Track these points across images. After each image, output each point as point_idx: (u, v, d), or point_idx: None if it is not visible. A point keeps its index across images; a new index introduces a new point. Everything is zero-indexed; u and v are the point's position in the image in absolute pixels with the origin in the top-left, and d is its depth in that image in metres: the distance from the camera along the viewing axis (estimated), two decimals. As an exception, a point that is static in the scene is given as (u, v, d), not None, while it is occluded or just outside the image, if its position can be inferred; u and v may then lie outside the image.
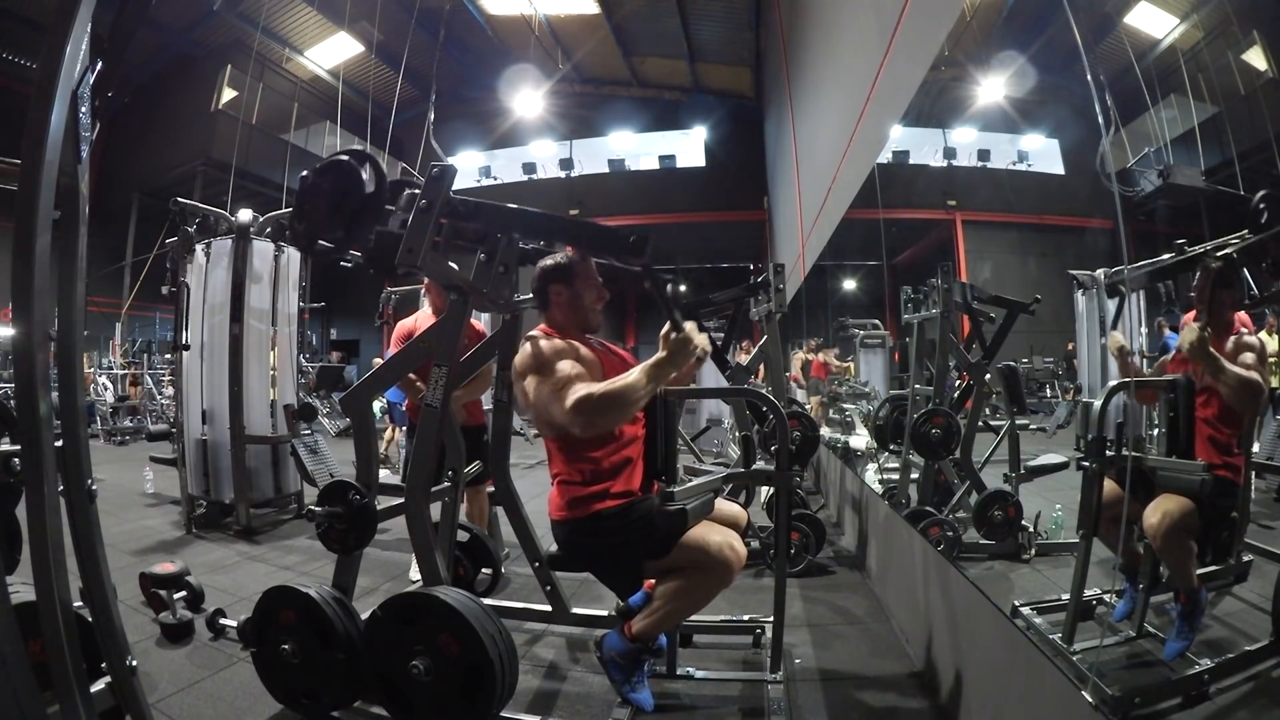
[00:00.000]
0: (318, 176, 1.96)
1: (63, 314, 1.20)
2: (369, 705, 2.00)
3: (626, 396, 1.75)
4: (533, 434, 9.61)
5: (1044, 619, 2.12)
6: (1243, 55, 2.24)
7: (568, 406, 1.76)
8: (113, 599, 1.29)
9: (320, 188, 1.94)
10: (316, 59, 14.03)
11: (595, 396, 1.74)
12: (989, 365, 3.46)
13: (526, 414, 2.00)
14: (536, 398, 1.87)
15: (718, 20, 12.11)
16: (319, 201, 1.94)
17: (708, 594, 1.94)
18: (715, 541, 1.87)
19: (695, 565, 1.88)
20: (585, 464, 1.95)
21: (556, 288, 2.07)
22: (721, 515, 2.09)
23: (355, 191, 1.90)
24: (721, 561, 1.86)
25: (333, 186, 1.92)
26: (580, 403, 1.74)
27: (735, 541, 1.91)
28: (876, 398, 6.11)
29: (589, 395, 1.74)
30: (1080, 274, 3.41)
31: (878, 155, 3.46)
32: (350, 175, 1.91)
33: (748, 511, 3.63)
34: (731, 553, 1.87)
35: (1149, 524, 1.82)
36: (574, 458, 1.96)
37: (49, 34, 1.12)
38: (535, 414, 1.94)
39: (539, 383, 1.87)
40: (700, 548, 1.86)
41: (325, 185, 1.93)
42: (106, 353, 12.16)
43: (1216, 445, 1.86)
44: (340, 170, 1.93)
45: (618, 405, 1.75)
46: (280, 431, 4.62)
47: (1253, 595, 1.97)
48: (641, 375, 1.77)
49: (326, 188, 1.93)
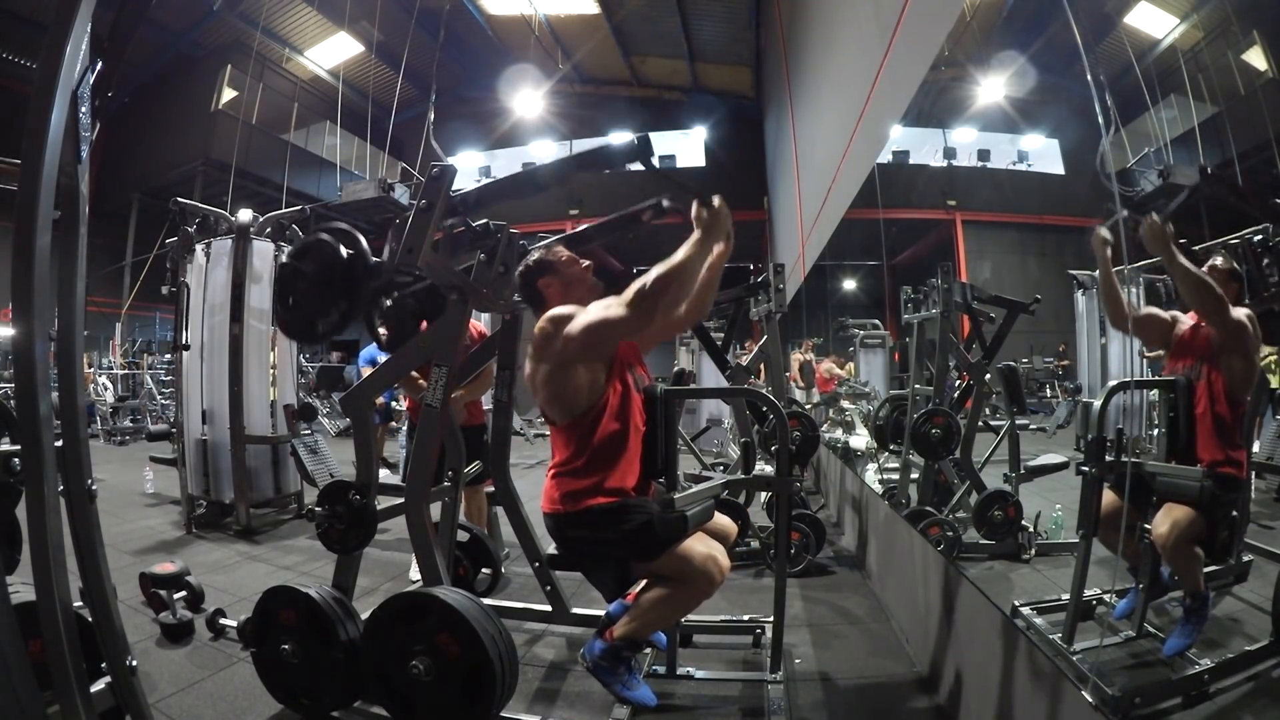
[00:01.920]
0: (294, 262, 1.97)
1: (63, 314, 1.20)
2: (369, 705, 2.00)
3: (681, 269, 1.80)
4: (533, 434, 9.61)
5: (1044, 619, 2.12)
6: (1243, 55, 2.24)
7: (628, 299, 1.78)
8: (113, 599, 1.29)
9: (301, 271, 1.95)
10: (316, 59, 14.04)
11: (651, 279, 1.77)
12: (989, 365, 3.47)
13: (541, 394, 1.92)
14: (584, 330, 1.82)
15: (718, 20, 12.12)
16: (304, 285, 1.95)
17: (688, 605, 1.97)
18: (700, 554, 1.88)
19: (679, 575, 1.89)
20: (584, 456, 1.92)
21: (544, 281, 2.07)
22: (712, 528, 2.10)
23: (337, 261, 1.91)
24: (705, 574, 1.87)
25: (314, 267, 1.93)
26: (638, 292, 1.77)
27: (720, 555, 1.92)
28: (876, 398, 6.11)
29: (643, 283, 1.77)
30: (1080, 274, 3.41)
31: (878, 155, 3.46)
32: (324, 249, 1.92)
33: (748, 510, 3.65)
34: (715, 566, 1.88)
35: (1158, 534, 1.82)
36: (575, 449, 1.93)
37: (49, 34, 1.12)
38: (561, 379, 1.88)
39: (579, 322, 1.83)
40: (685, 559, 1.87)
41: (306, 268, 1.94)
42: (106, 353, 12.16)
43: (1217, 440, 1.86)
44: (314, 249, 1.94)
45: (675, 277, 1.80)
46: (280, 431, 4.62)
47: (1253, 595, 1.97)
48: (689, 249, 1.82)
49: (309, 269, 1.94)
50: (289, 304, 2.01)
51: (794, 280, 6.63)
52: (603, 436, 1.92)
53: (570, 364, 1.87)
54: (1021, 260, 4.61)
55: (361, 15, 12.30)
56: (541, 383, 1.91)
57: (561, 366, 1.87)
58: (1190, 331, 1.98)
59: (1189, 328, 1.99)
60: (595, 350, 1.87)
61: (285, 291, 2.01)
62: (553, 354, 1.86)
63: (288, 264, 2.01)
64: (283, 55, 13.58)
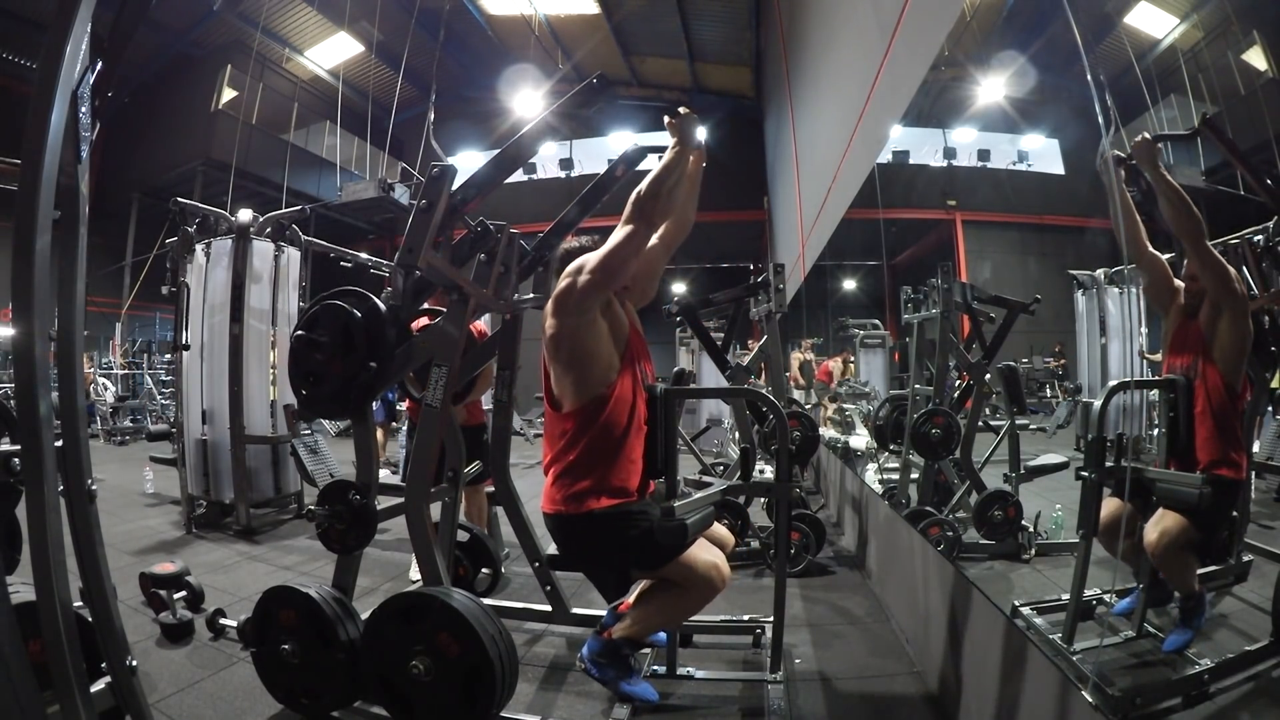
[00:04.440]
0: (306, 332, 1.93)
1: (63, 314, 1.20)
2: (369, 705, 2.00)
3: (666, 174, 1.92)
4: (533, 434, 9.61)
5: (1044, 619, 2.12)
6: (1243, 55, 2.24)
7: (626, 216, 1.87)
8: (113, 599, 1.29)
9: (316, 342, 1.91)
10: (316, 59, 14.03)
11: (642, 190, 1.88)
12: (989, 365, 3.47)
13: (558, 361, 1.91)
14: (598, 263, 1.83)
15: (718, 20, 12.11)
16: (324, 355, 1.92)
17: (689, 610, 1.98)
18: (704, 561, 1.89)
19: (682, 581, 1.90)
20: (580, 449, 1.90)
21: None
22: (709, 536, 2.10)
23: (351, 320, 1.89)
24: (707, 582, 1.88)
25: (330, 334, 1.91)
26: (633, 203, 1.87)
27: (722, 563, 1.93)
28: (876, 398, 6.11)
29: (636, 195, 1.88)
30: (1080, 274, 3.41)
31: (878, 155, 3.46)
32: (339, 313, 1.90)
33: (748, 510, 3.66)
34: (718, 574, 1.90)
35: (1148, 541, 1.83)
36: (576, 440, 1.90)
37: (49, 34, 1.12)
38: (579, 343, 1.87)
39: (592, 258, 1.85)
40: (688, 566, 1.87)
41: (321, 338, 1.91)
42: (106, 353, 12.16)
43: (1216, 440, 1.85)
44: (327, 315, 1.92)
45: (662, 183, 1.90)
46: (280, 431, 4.62)
47: (1253, 595, 1.97)
48: (669, 156, 1.95)
49: (324, 340, 1.91)
50: (310, 382, 1.95)
51: (794, 280, 6.63)
52: (603, 429, 1.89)
53: (592, 322, 1.85)
54: (1021, 260, 4.62)
55: (361, 15, 12.29)
56: (562, 347, 1.88)
57: (582, 326, 1.85)
58: (1185, 324, 1.97)
59: (1184, 320, 1.97)
60: (615, 277, 1.87)
61: (302, 369, 1.95)
62: (573, 305, 1.83)
63: (300, 337, 1.93)
64: (283, 55, 13.57)
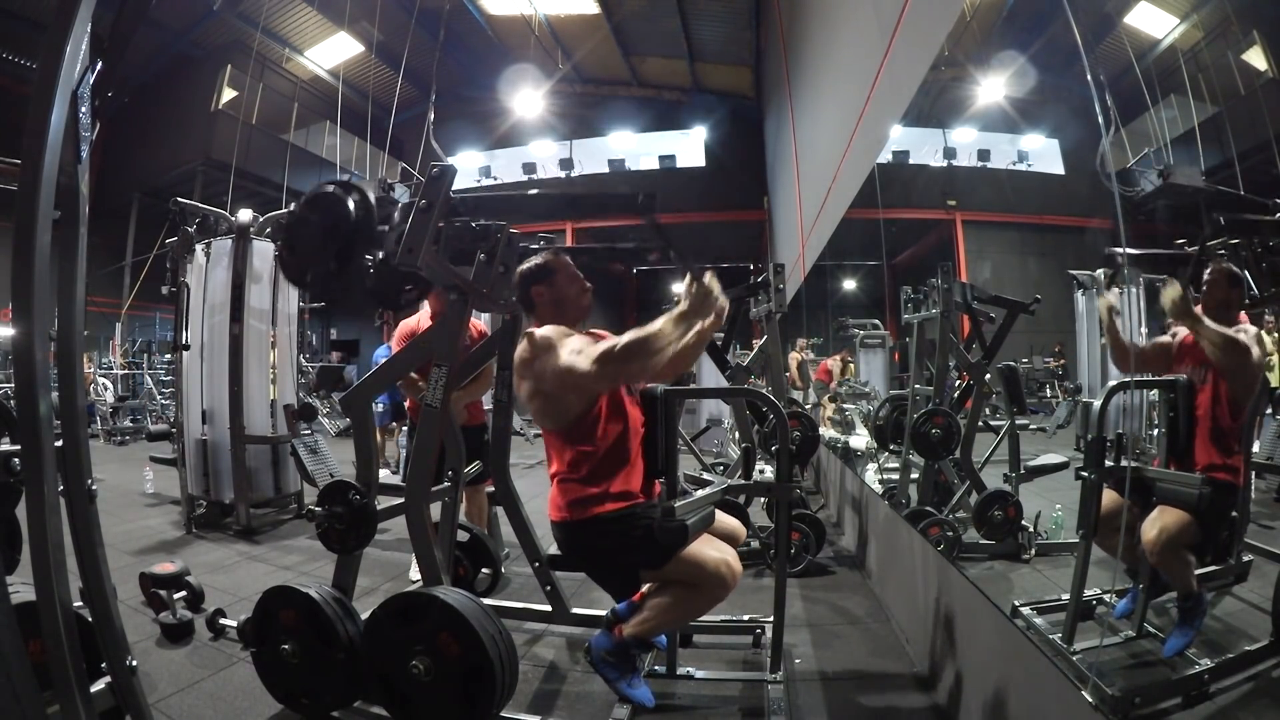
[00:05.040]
0: (304, 209, 1.95)
1: (63, 314, 1.20)
2: (369, 705, 2.00)
3: (652, 343, 1.74)
4: (533, 434, 9.61)
5: (1044, 619, 2.12)
6: (1243, 55, 2.24)
7: (595, 357, 1.77)
8: (113, 599, 1.29)
9: (308, 220, 1.93)
10: (316, 59, 14.02)
11: (620, 346, 1.75)
12: (989, 365, 3.47)
13: (530, 406, 1.97)
14: (553, 372, 1.84)
15: (718, 20, 12.11)
16: (307, 233, 1.93)
17: (701, 608, 1.96)
18: (713, 558, 1.87)
19: (691, 579, 1.88)
20: (585, 463, 1.94)
21: (538, 289, 2.08)
22: (720, 529, 2.09)
23: (343, 221, 1.88)
24: (717, 579, 1.86)
25: (321, 218, 1.91)
26: (605, 354, 1.76)
27: (732, 559, 1.91)
28: (876, 398, 6.11)
29: (612, 346, 1.76)
30: (1080, 274, 3.41)
31: (878, 155, 3.46)
32: (336, 205, 1.88)
33: (748, 510, 3.65)
34: (728, 570, 1.88)
35: (1146, 538, 1.83)
36: (574, 456, 1.95)
37: (49, 34, 1.12)
38: (546, 395, 1.91)
39: (552, 360, 1.85)
40: (697, 564, 1.86)
41: (313, 217, 1.92)
42: (106, 353, 12.15)
43: (1215, 444, 1.86)
44: (326, 201, 1.91)
45: (645, 351, 1.74)
46: (280, 431, 4.62)
47: (1253, 595, 1.97)
48: (666, 323, 1.75)
49: (315, 219, 1.92)
50: (292, 248, 2.00)
51: (794, 280, 6.63)
52: (601, 440, 1.93)
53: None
54: (1021, 260, 4.61)
55: (361, 15, 12.27)
56: (527, 397, 1.95)
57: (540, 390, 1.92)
58: (1192, 339, 1.97)
59: (1189, 336, 1.98)
60: (565, 391, 1.89)
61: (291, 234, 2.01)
62: (532, 375, 1.91)
63: (298, 211, 1.99)
64: (283, 55, 13.57)
